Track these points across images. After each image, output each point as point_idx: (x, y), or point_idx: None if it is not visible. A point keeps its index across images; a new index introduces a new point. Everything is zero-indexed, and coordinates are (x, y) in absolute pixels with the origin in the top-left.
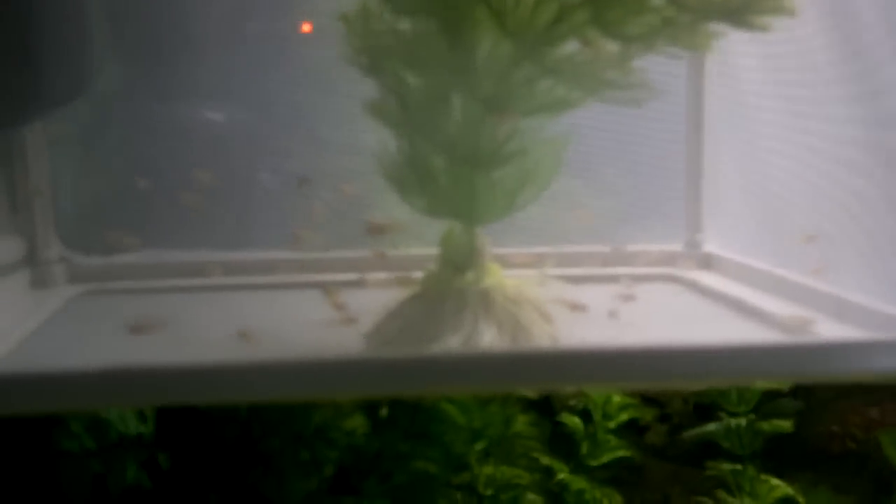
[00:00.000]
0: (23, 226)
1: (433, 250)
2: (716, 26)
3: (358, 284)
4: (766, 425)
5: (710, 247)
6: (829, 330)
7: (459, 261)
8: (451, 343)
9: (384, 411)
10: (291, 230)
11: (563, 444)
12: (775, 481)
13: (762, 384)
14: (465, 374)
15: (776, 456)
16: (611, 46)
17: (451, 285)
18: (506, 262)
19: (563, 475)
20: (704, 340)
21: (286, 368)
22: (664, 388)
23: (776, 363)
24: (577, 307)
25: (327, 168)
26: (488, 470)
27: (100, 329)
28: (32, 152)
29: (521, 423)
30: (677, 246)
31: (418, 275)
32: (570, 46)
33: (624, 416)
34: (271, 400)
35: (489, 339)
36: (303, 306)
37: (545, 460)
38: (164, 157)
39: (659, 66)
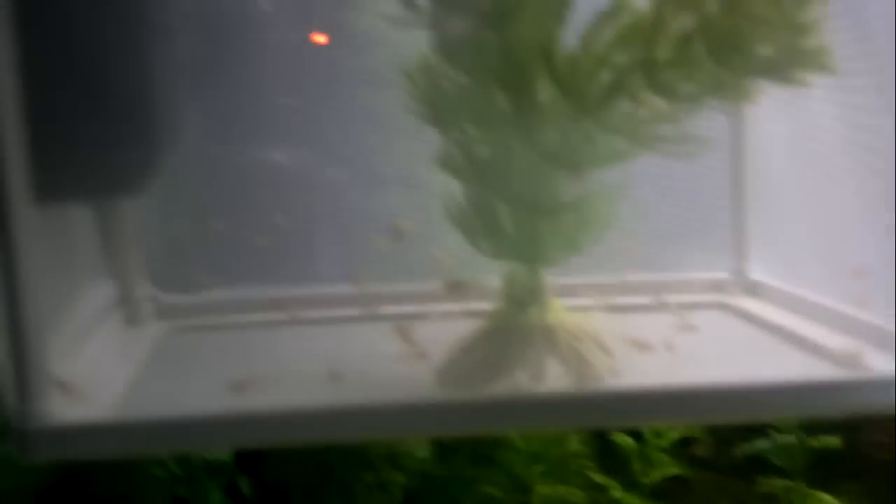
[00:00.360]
0: (116, 267)
1: (494, 283)
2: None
3: (421, 316)
4: (815, 442)
5: (757, 275)
6: (876, 361)
7: (524, 299)
8: (521, 378)
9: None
10: (355, 265)
11: (612, 461)
12: (824, 496)
13: None
14: (540, 415)
15: (824, 468)
16: (662, 104)
17: (516, 322)
18: (561, 292)
19: (617, 493)
20: (767, 377)
21: (377, 412)
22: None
23: (835, 398)
24: (642, 345)
25: (389, 204)
26: (545, 490)
27: (195, 367)
28: None
29: (575, 442)
30: (723, 273)
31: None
32: (627, 104)
33: (675, 434)
34: (363, 440)
35: (554, 374)
36: (376, 340)
37: (598, 478)
38: (241, 198)
39: None
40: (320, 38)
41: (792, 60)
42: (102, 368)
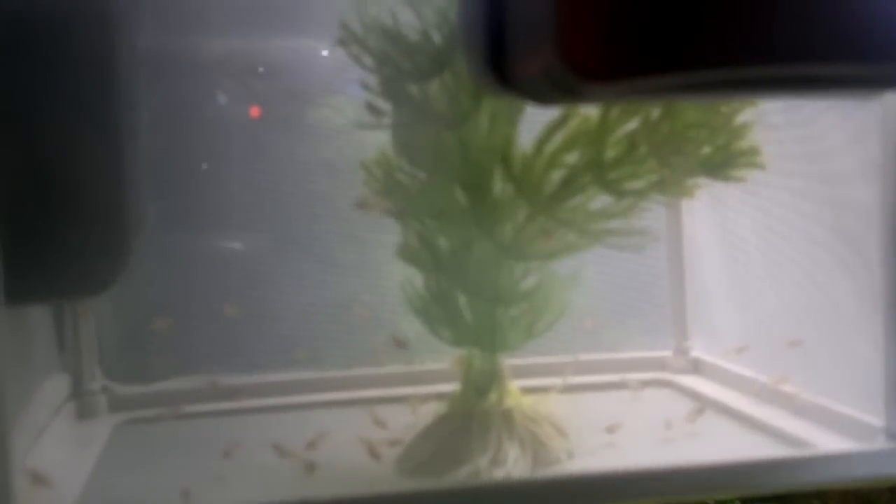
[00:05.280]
0: (69, 361)
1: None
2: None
3: (382, 401)
4: None
5: (697, 352)
6: (809, 435)
7: (482, 384)
8: (481, 463)
9: None
10: (316, 351)
11: None
12: None
13: None
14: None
15: None
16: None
17: (475, 407)
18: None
19: None
20: (714, 459)
21: None
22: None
23: (778, 476)
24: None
25: (346, 289)
26: None
27: (154, 460)
28: None
29: None
30: (665, 352)
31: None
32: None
33: None
34: None
35: (513, 457)
36: (335, 426)
37: None
38: (194, 286)
39: None
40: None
41: (727, 159)
42: (53, 467)
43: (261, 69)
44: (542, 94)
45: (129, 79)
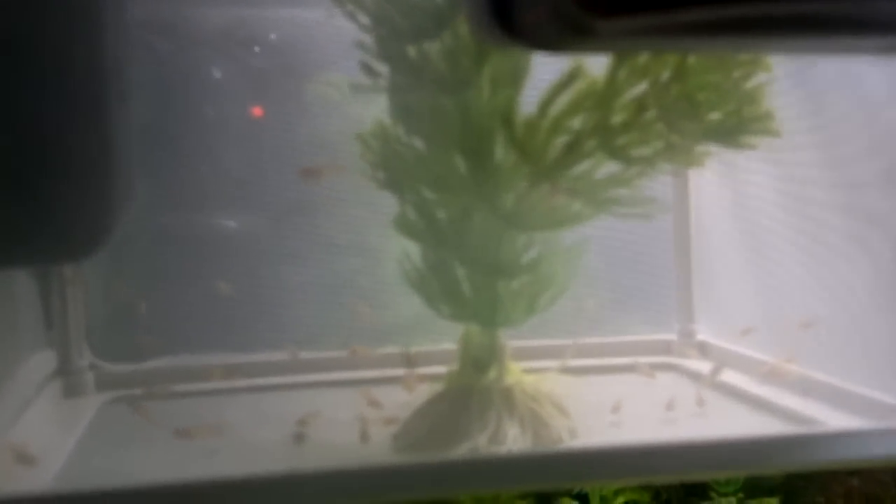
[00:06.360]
0: (56, 338)
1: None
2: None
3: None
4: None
5: (704, 335)
6: (820, 415)
7: (481, 361)
8: (479, 441)
9: None
10: (308, 331)
11: None
12: None
13: None
14: (496, 476)
15: None
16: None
17: (474, 384)
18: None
19: None
20: (719, 435)
21: (333, 477)
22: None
23: (786, 454)
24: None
25: (340, 268)
26: None
27: (141, 437)
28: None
29: None
30: (670, 335)
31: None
32: (583, 167)
33: (621, 500)
34: None
35: (513, 435)
36: (331, 406)
37: None
38: (185, 265)
39: None
40: (259, 111)
41: (739, 126)
42: (35, 442)
43: (257, 48)
44: (551, 40)
45: (118, 39)
